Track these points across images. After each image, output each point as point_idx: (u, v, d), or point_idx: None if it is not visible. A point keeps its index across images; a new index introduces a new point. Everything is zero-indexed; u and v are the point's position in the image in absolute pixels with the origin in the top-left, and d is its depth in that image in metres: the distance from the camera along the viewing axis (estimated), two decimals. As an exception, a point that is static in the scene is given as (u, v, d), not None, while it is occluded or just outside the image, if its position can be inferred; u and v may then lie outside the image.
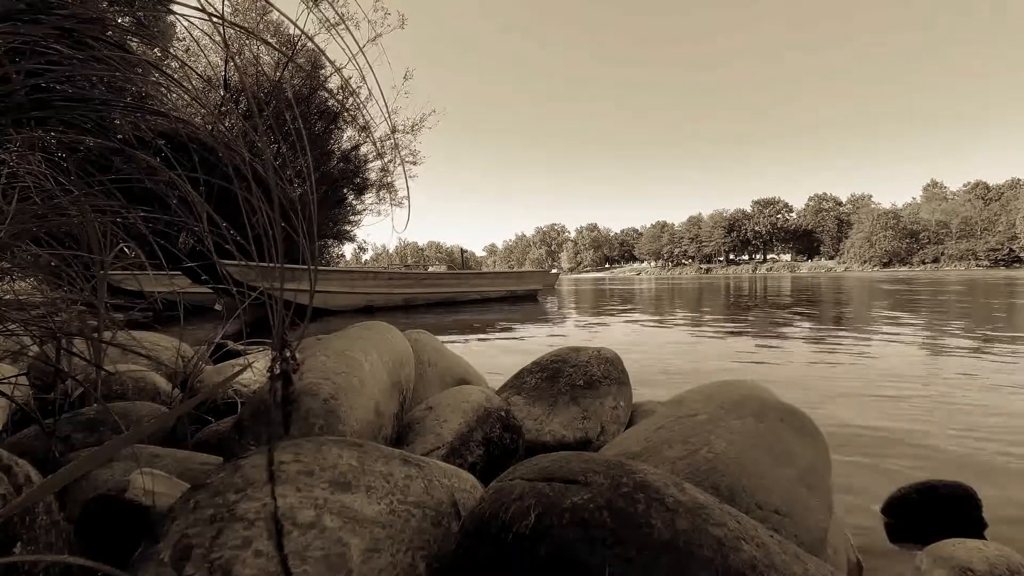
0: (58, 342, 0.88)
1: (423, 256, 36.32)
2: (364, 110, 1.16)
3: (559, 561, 0.52)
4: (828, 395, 2.38)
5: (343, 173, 14.99)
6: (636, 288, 19.83)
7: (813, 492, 0.86)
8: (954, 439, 1.75)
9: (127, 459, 0.89)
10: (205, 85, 3.35)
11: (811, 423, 0.97)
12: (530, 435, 1.31)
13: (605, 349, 1.61)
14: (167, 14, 0.67)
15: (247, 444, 0.88)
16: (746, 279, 35.33)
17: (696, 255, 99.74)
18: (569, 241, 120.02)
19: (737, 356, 3.65)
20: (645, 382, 2.54)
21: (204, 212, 0.81)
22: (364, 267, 15.98)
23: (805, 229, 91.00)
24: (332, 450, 0.66)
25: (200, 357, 1.64)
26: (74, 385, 1.16)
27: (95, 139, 0.80)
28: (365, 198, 16.38)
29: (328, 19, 0.64)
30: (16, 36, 0.63)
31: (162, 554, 0.51)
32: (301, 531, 0.54)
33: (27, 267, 0.94)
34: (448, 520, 0.67)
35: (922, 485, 1.21)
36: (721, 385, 1.46)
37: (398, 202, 12.32)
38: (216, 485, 0.58)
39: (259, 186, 0.61)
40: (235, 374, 0.60)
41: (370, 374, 1.05)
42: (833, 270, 74.49)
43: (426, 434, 1.06)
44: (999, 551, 0.87)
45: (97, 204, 0.82)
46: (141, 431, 0.69)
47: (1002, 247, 67.09)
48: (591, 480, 0.59)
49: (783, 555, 0.54)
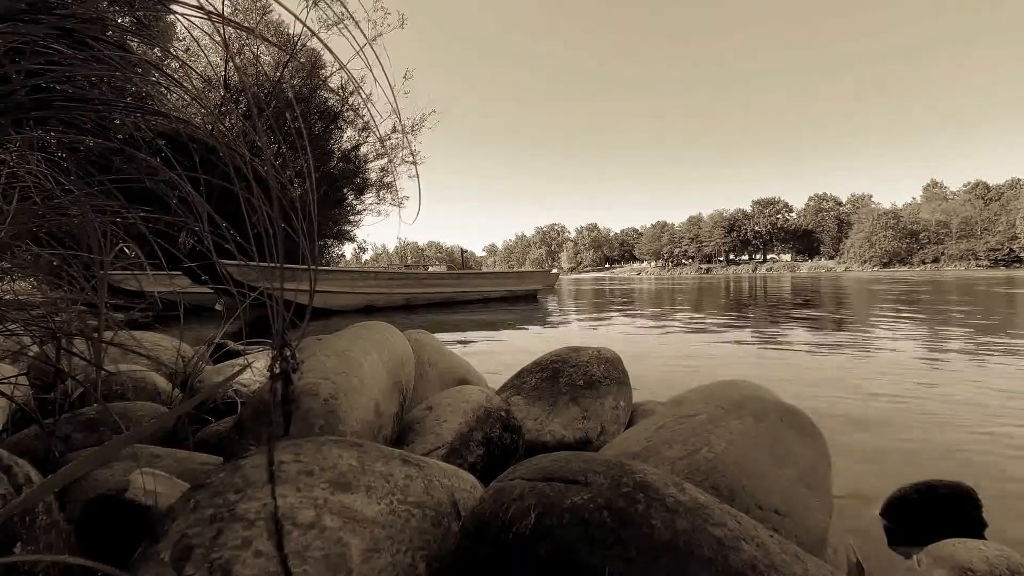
0: (58, 342, 0.88)
1: (423, 256, 36.29)
2: (365, 108, 1.16)
3: (559, 561, 0.52)
4: (828, 395, 2.38)
5: (343, 173, 15.00)
6: (636, 288, 19.83)
7: (813, 492, 0.86)
8: (954, 439, 1.74)
9: (127, 459, 0.89)
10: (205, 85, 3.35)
11: (811, 423, 0.97)
12: (530, 435, 1.31)
13: (605, 349, 1.61)
14: (167, 14, 0.67)
15: (247, 444, 0.88)
16: (746, 279, 35.33)
17: (696, 255, 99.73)
18: (569, 241, 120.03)
19: (737, 356, 3.65)
20: (645, 382, 2.54)
21: (204, 212, 0.81)
22: (365, 267, 15.99)
23: (805, 229, 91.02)
24: (332, 450, 0.66)
25: (200, 357, 1.64)
26: (74, 385, 1.16)
27: (95, 139, 0.80)
28: (365, 198, 16.41)
29: (328, 18, 0.64)
30: (16, 36, 0.63)
31: (162, 554, 0.51)
32: (301, 531, 0.54)
33: (27, 267, 0.94)
34: (448, 520, 0.67)
35: (922, 485, 1.21)
36: (721, 385, 1.46)
37: (399, 202, 12.33)
38: (216, 485, 0.58)
39: (259, 186, 0.61)
40: (235, 374, 0.60)
41: (370, 374, 1.05)
42: (833, 270, 74.48)
43: (426, 434, 1.06)
44: (999, 551, 0.87)
45: (97, 204, 0.82)
46: (141, 431, 0.69)
47: (1002, 247, 67.08)
48: (591, 480, 0.59)
49: (783, 555, 0.54)
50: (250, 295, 0.99)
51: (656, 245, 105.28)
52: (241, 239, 0.74)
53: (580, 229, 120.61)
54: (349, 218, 16.72)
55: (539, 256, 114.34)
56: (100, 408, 1.11)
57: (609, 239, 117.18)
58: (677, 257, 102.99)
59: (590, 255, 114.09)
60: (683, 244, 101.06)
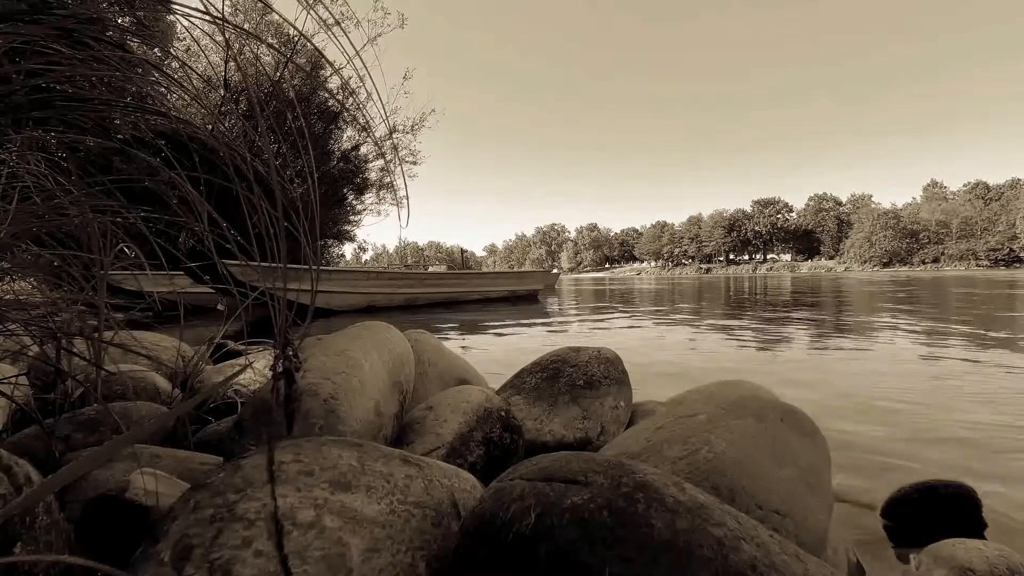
0: (58, 342, 0.88)
1: (423, 256, 36.31)
2: (364, 109, 1.16)
3: (559, 561, 0.52)
4: (828, 394, 2.38)
5: (343, 173, 14.99)
6: (636, 288, 19.84)
7: (813, 492, 0.86)
8: (954, 439, 1.74)
9: (127, 459, 0.89)
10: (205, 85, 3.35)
11: (811, 423, 0.97)
12: (530, 435, 1.31)
13: (605, 349, 1.61)
14: (167, 14, 0.67)
15: (247, 444, 0.88)
16: (746, 279, 35.33)
17: (696, 255, 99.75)
18: (569, 241, 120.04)
19: (737, 356, 3.65)
20: (645, 382, 2.54)
21: (205, 212, 0.81)
22: (366, 267, 16.00)
23: (805, 229, 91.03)
24: (332, 450, 0.66)
25: (200, 357, 1.64)
26: (74, 385, 1.16)
27: (95, 139, 0.80)
28: (365, 198, 16.40)
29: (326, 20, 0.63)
30: (16, 36, 0.63)
31: (162, 554, 0.51)
32: (301, 531, 0.54)
33: (27, 267, 0.94)
34: (448, 520, 0.67)
35: (922, 485, 1.21)
36: (721, 385, 1.46)
37: (398, 201, 12.33)
38: (216, 485, 0.58)
39: (260, 185, 0.61)
40: (235, 374, 0.60)
41: (370, 374, 1.05)
42: (833, 270, 74.49)
43: (426, 434, 1.06)
44: (999, 551, 0.87)
45: (97, 204, 0.82)
46: (141, 431, 0.69)
47: (1002, 247, 67.08)
48: (591, 480, 0.59)
49: (783, 555, 0.54)
50: (251, 295, 1.00)
51: (656, 245, 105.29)
52: (242, 239, 0.74)
53: (580, 229, 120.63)
54: (349, 218, 16.72)
55: (539, 256, 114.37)
56: (100, 408, 1.11)
57: (609, 239, 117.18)
58: (677, 257, 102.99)
59: (590, 255, 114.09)
60: (683, 244, 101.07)
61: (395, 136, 13.93)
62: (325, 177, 13.65)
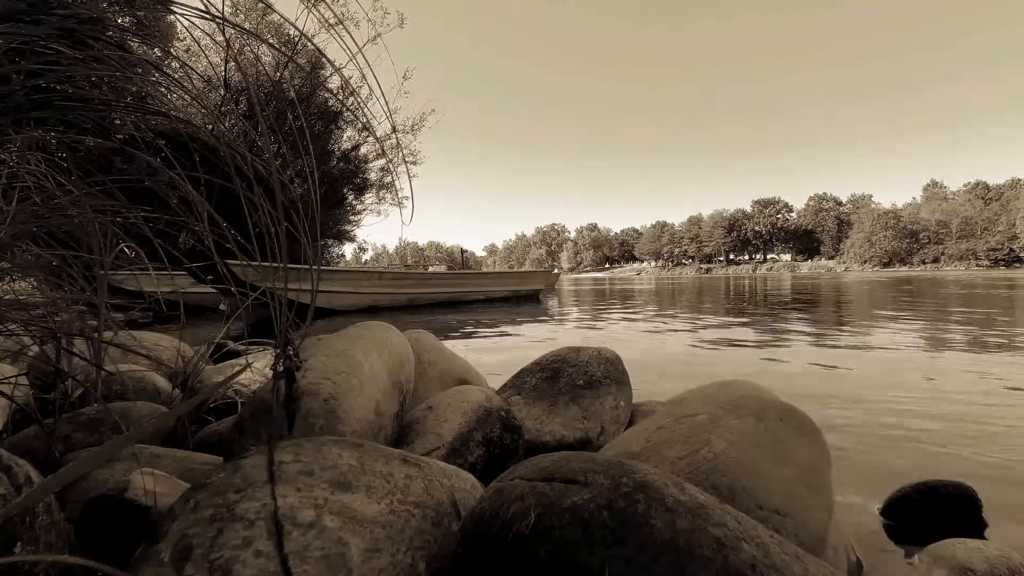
0: (58, 342, 0.88)
1: (423, 256, 36.29)
2: (365, 108, 1.16)
3: (559, 561, 0.52)
4: (828, 394, 2.38)
5: (343, 173, 14.98)
6: (636, 288, 19.83)
7: (813, 492, 0.85)
8: (954, 439, 1.74)
9: (127, 459, 0.89)
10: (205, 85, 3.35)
11: (811, 423, 0.97)
12: (530, 435, 1.31)
13: (605, 349, 1.61)
14: (167, 14, 0.67)
15: (247, 444, 0.88)
16: (746, 279, 35.32)
17: (696, 255, 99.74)
18: (569, 241, 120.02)
19: (737, 356, 3.65)
20: (645, 382, 2.54)
21: (205, 212, 0.81)
22: (367, 267, 16.00)
23: (805, 229, 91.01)
24: (332, 450, 0.66)
25: (200, 357, 1.64)
26: (74, 385, 1.16)
27: (95, 139, 0.80)
28: (365, 198, 16.37)
29: (327, 20, 0.63)
30: (16, 36, 0.63)
31: (162, 554, 0.51)
32: (301, 531, 0.54)
33: (27, 267, 0.94)
34: (448, 520, 0.67)
35: (922, 485, 1.21)
36: (721, 385, 1.46)
37: (398, 201, 12.33)
38: (216, 485, 0.58)
39: (260, 185, 0.61)
40: (235, 374, 0.60)
41: (370, 374, 1.05)
42: (833, 270, 74.47)
43: (426, 434, 1.06)
44: (999, 551, 0.87)
45: (97, 204, 0.82)
46: (141, 431, 0.69)
47: (1002, 247, 67.06)
48: (591, 480, 0.59)
49: (783, 555, 0.54)
50: (252, 295, 1.00)
51: (656, 245, 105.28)
52: (242, 239, 0.74)
53: (580, 229, 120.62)
54: (349, 218, 16.70)
55: (539, 256, 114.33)
56: (100, 408, 1.11)
57: (609, 239, 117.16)
58: (677, 257, 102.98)
59: (590, 255, 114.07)
60: (683, 244, 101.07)
61: (396, 135, 13.92)
62: (325, 177, 13.65)
